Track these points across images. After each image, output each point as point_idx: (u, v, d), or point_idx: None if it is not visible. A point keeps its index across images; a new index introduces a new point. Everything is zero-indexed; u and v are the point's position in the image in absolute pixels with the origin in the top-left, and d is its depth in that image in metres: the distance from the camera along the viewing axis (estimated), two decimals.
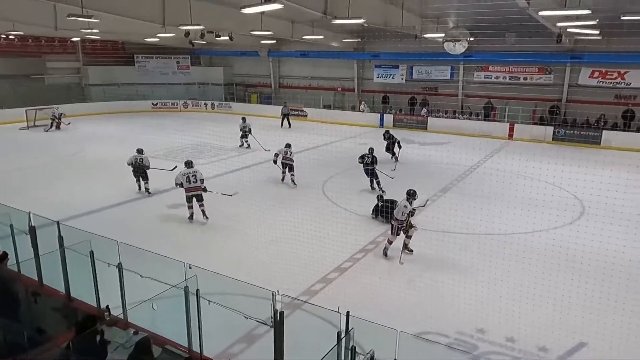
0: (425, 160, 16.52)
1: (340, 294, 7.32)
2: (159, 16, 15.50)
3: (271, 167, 14.80)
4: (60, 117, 23.24)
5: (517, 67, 23.04)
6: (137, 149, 13.29)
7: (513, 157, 16.82)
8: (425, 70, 25.68)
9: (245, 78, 33.30)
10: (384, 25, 16.38)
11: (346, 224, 10.24)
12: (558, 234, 9.79)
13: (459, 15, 17.40)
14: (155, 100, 30.86)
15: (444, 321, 6.67)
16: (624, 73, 20.59)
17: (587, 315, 6.68)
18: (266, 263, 8.52)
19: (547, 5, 11.64)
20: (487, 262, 8.48)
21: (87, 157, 17.35)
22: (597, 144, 20.36)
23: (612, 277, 7.60)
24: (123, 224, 10.23)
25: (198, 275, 4.77)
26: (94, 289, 5.55)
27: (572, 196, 12.63)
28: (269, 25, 17.83)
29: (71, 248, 5.61)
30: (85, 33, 20.60)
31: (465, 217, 10.28)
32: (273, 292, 4.05)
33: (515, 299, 7.18)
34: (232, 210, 11.12)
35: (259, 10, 11.46)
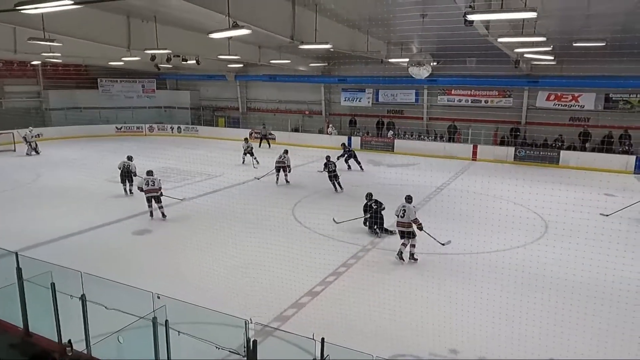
0: (393, 182, 16.71)
1: (313, 318, 7.23)
2: (124, 40, 15.32)
3: (239, 192, 14.70)
4: (35, 137, 22.78)
5: (479, 91, 23.88)
6: (127, 156, 15.34)
7: (477, 178, 17.34)
8: (391, 93, 26.26)
9: (213, 102, 33.15)
10: (350, 50, 16.72)
11: (317, 246, 10.18)
12: (522, 252, 10.06)
13: (422, 41, 17.96)
14: (119, 124, 30.24)
15: (417, 343, 6.67)
16: (578, 96, 21.67)
17: (553, 333, 6.81)
18: (236, 289, 8.34)
19: (505, 32, 12.17)
20: (455, 282, 8.60)
21: (45, 184, 16.72)
22: (556, 163, 21.19)
23: (574, 295, 7.83)
24: (85, 253, 9.84)
25: (167, 304, 4.62)
26: (54, 323, 5.28)
27: (535, 215, 13.01)
28: (236, 50, 17.90)
29: (31, 280, 5.34)
30: (47, 56, 20.13)
31: (433, 238, 10.41)
32: (245, 321, 3.96)
33: (485, 318, 7.27)
34: (200, 235, 10.90)
35: (227, 35, 11.48)
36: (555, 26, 13.30)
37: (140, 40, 15.39)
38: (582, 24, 13.55)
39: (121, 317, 4.58)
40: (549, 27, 12.50)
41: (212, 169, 18.20)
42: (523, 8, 7.46)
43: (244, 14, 10.46)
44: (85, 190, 15.50)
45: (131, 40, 15.42)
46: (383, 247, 10.62)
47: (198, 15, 12.09)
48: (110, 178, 17.05)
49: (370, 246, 10.66)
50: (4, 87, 27.67)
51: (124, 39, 15.33)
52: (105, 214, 12.61)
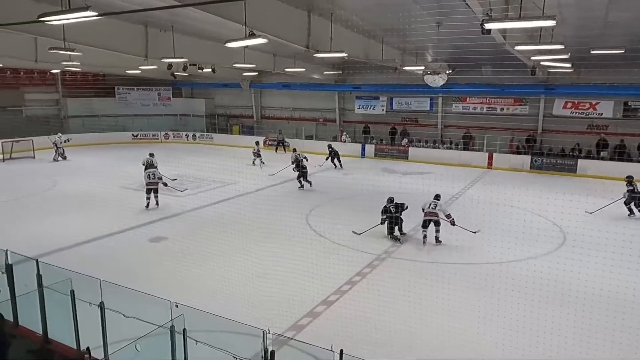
0: (408, 190, 16.63)
1: (328, 328, 7.19)
2: (142, 49, 15.58)
3: (253, 199, 14.76)
4: (63, 143, 23.35)
5: (494, 99, 23.71)
6: (149, 153, 17.52)
7: (493, 187, 17.15)
8: (405, 101, 26.21)
9: (227, 109, 33.44)
10: (365, 58, 16.76)
11: (332, 255, 10.17)
12: (541, 263, 9.88)
13: (437, 48, 17.93)
14: (135, 132, 30.65)
15: (434, 355, 6.58)
16: (596, 104, 21.38)
17: (572, 346, 6.66)
18: (251, 297, 8.34)
19: (522, 40, 12.10)
20: (473, 292, 8.49)
21: (61, 191, 16.96)
22: (574, 172, 20.88)
23: (594, 307, 7.67)
24: (102, 260, 9.93)
25: (184, 313, 4.63)
26: (73, 330, 5.32)
27: (553, 224, 12.81)
28: (252, 58, 18.06)
29: (51, 288, 5.40)
30: (66, 65, 20.54)
31: (448, 247, 10.33)
32: (263, 331, 3.95)
33: (504, 330, 7.14)
34: (214, 243, 10.94)
35: (243, 44, 11.59)
36: (573, 34, 13.17)
37: (158, 49, 15.64)
38: (600, 32, 13.39)
39: (139, 325, 4.60)
40: (566, 35, 12.39)
41: (226, 176, 18.30)
42: (541, 16, 7.40)
43: (260, 23, 10.57)
44: (101, 197, 15.70)
45: (149, 50, 15.68)
46: (398, 257, 10.54)
47: (215, 25, 12.24)
48: (126, 185, 17.28)
49: (385, 255, 10.59)
50: (25, 95, 28.23)
51: (142, 48, 15.59)
52: (121, 221, 12.73)
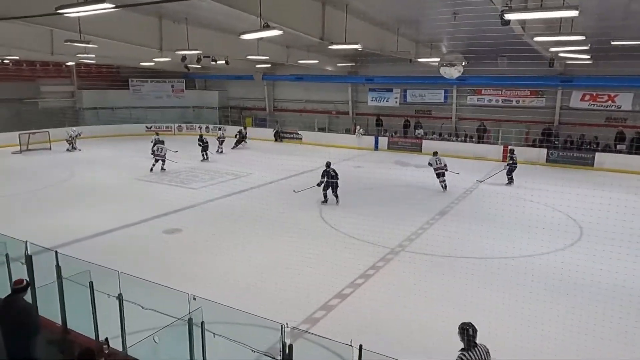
0: (421, 183, 16.54)
1: (342, 321, 7.19)
2: (156, 41, 15.61)
3: (266, 192, 14.79)
4: (76, 137, 23.90)
5: (510, 91, 23.36)
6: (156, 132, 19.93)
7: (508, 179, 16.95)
8: (418, 93, 25.97)
9: (240, 101, 33.46)
10: (379, 50, 16.59)
11: (345, 248, 10.14)
12: (557, 258, 9.75)
13: (452, 40, 17.68)
14: (149, 124, 30.84)
15: (448, 349, 6.51)
16: (614, 96, 20.94)
17: (585, 342, 6.56)
18: (265, 290, 8.37)
19: (541, 31, 11.86)
20: (487, 287, 8.41)
21: (79, 182, 17.16)
22: (591, 165, 20.55)
23: (613, 302, 7.55)
24: (118, 251, 10.03)
25: (202, 306, 4.65)
26: (92, 321, 5.38)
27: (570, 219, 12.64)
28: (265, 50, 18.00)
29: (70, 279, 5.46)
30: (81, 58, 20.67)
31: (462, 241, 10.26)
32: (282, 325, 3.94)
33: (518, 325, 7.07)
34: (228, 235, 10.99)
35: (258, 36, 11.52)
36: (593, 24, 12.87)
37: (172, 41, 15.65)
38: (621, 22, 13.07)
39: (157, 317, 4.63)
40: (586, 25, 12.11)
41: (239, 168, 18.36)
42: (563, 6, 7.22)
43: (275, 15, 10.49)
44: (116, 189, 15.87)
45: (163, 42, 15.71)
46: (412, 250, 10.49)
47: (229, 17, 12.21)
48: (141, 177, 17.42)
49: (400, 249, 10.54)
50: (40, 87, 28.53)
51: (156, 40, 15.62)
52: (135, 213, 12.84)
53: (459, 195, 15.46)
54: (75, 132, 24.19)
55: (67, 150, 23.44)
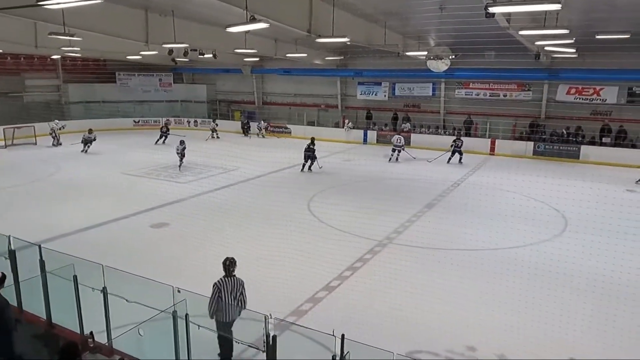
0: (409, 176, 16.63)
1: (329, 313, 7.24)
2: (142, 34, 15.44)
3: (254, 185, 14.79)
4: (59, 130, 23.57)
5: (497, 84, 23.51)
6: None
7: (495, 173, 17.12)
8: (407, 87, 26.02)
9: (229, 95, 33.29)
10: (367, 43, 16.59)
11: (333, 241, 10.19)
12: (542, 249, 9.91)
13: (439, 33, 17.75)
14: (137, 118, 30.57)
15: (433, 339, 6.63)
16: (600, 89, 21.19)
17: (573, 331, 6.71)
18: (252, 283, 8.31)
19: (526, 25, 11.94)
20: (474, 278, 8.53)
21: (65, 177, 16.97)
22: (576, 158, 20.81)
23: (595, 292, 7.71)
24: (104, 246, 9.98)
25: (187, 298, 4.66)
26: (76, 315, 5.37)
27: (555, 210, 12.81)
28: (253, 44, 17.89)
29: (54, 273, 5.43)
30: (66, 51, 20.40)
31: (450, 233, 10.35)
32: (265, 316, 3.97)
33: (503, 315, 7.20)
34: (215, 229, 10.97)
35: (244, 29, 11.47)
36: (578, 18, 12.99)
37: (158, 34, 15.50)
38: (605, 16, 13.21)
39: (142, 310, 4.63)
40: (571, 19, 12.22)
41: (228, 162, 18.29)
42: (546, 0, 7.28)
43: (262, 8, 10.45)
44: (103, 183, 15.75)
45: (149, 35, 15.54)
46: (400, 242, 10.57)
47: (216, 10, 12.10)
48: (127, 171, 17.30)
49: (387, 241, 10.61)
50: (25, 81, 28.12)
51: (142, 33, 15.45)
52: (123, 207, 12.76)
53: (446, 188, 15.57)
54: (58, 124, 23.75)
55: (52, 145, 23.11)
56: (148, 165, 18.26)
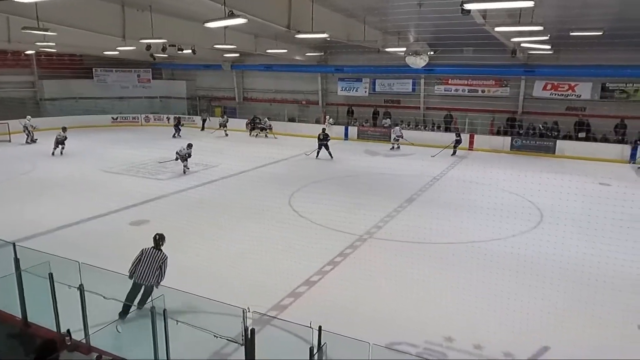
0: (391, 171, 16.77)
1: (310, 307, 7.28)
2: (119, 30, 15.20)
3: (236, 181, 14.74)
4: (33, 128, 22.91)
5: (475, 80, 23.84)
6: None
7: (474, 167, 17.41)
8: (387, 83, 26.20)
9: (209, 91, 33.00)
10: (347, 39, 16.64)
11: (314, 236, 10.23)
12: (518, 241, 10.13)
13: (418, 30, 17.89)
14: (115, 115, 30.10)
15: (413, 331, 6.73)
16: (575, 85, 21.68)
17: (548, 320, 6.90)
18: (233, 278, 8.39)
19: (502, 22, 12.14)
20: (451, 271, 8.67)
21: (41, 175, 16.63)
22: (552, 153, 21.26)
23: (569, 282, 7.93)
24: (83, 243, 9.83)
25: (165, 294, 4.65)
26: (53, 313, 5.30)
27: (531, 203, 13.08)
28: (233, 39, 17.79)
29: (29, 271, 5.35)
30: (41, 46, 19.97)
31: (429, 227, 10.48)
32: (243, 309, 3.99)
33: (480, 306, 7.34)
34: (196, 226, 10.92)
35: (223, 24, 11.41)
36: (553, 15, 13.25)
37: (136, 29, 15.29)
38: (579, 13, 13.50)
39: (119, 306, 4.62)
40: (546, 16, 12.46)
41: (209, 158, 18.18)
42: None
43: (240, 3, 10.40)
44: (81, 181, 15.49)
45: (126, 30, 15.31)
46: (380, 237, 10.67)
47: (194, 4, 12.03)
48: (106, 169, 17.05)
49: (367, 236, 10.70)
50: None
51: (119, 28, 15.22)
52: (101, 205, 12.58)
53: (426, 183, 15.75)
54: (31, 120, 23.15)
55: (26, 142, 22.58)
56: (128, 162, 18.04)
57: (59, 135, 19.69)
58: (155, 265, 6.65)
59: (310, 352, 3.82)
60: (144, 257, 6.68)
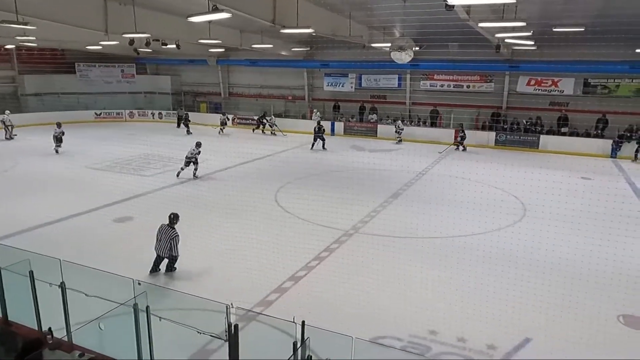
0: (376, 167, 16.82)
1: (295, 303, 7.29)
2: (101, 24, 14.94)
3: (221, 178, 14.68)
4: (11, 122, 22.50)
5: (461, 76, 24.00)
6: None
7: (459, 162, 17.56)
8: (373, 78, 26.23)
9: (194, 87, 32.70)
10: (332, 34, 16.61)
11: (300, 231, 10.25)
12: (502, 235, 10.26)
13: (403, 25, 17.93)
14: (98, 110, 29.68)
15: (398, 325, 6.79)
16: (558, 81, 21.95)
17: (530, 312, 7.02)
18: (219, 275, 8.38)
19: (486, 17, 12.22)
20: (435, 265, 8.77)
21: (23, 171, 16.35)
22: (536, 147, 21.54)
23: (551, 275, 8.07)
24: (65, 241, 9.73)
25: (147, 291, 4.61)
26: (34, 311, 5.23)
27: (514, 198, 13.24)
28: (217, 34, 17.64)
29: (8, 269, 5.26)
30: (21, 40, 19.57)
31: (414, 222, 10.56)
32: (227, 305, 3.98)
33: (463, 299, 7.44)
34: (181, 222, 10.81)
35: (206, 19, 11.31)
36: (536, 11, 13.38)
37: (118, 24, 15.04)
38: (561, 9, 13.66)
39: (102, 304, 4.56)
40: (529, 12, 12.58)
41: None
42: None
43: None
44: (64, 178, 15.27)
45: (109, 24, 15.05)
46: (366, 232, 10.72)
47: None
48: (90, 165, 16.83)
49: (353, 231, 10.74)
50: None
51: (101, 22, 14.95)
52: (85, 202, 12.43)
53: (411, 178, 15.84)
54: (9, 115, 22.73)
55: (5, 138, 22.13)
56: (112, 158, 17.82)
57: (55, 132, 19.20)
58: (167, 239, 8.00)
59: (293, 347, 3.83)
60: (160, 232, 8.13)
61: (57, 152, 18.92)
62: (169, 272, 8.23)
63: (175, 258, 8.21)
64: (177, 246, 8.10)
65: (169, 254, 8.07)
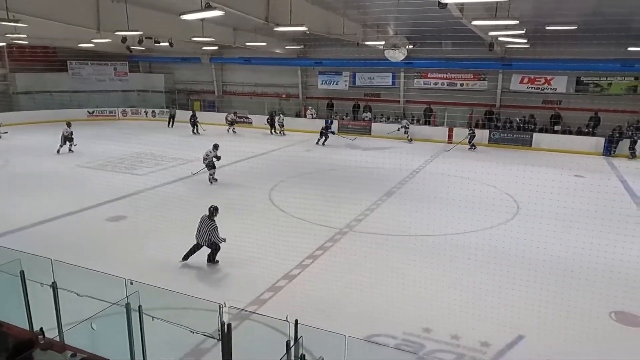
0: (369, 165, 16.83)
1: (289, 302, 7.28)
2: (93, 21, 14.82)
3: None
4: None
5: (454, 74, 24.05)
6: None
7: (452, 160, 17.61)
8: (367, 76, 26.23)
9: (188, 85, 32.56)
10: (326, 32, 16.58)
11: (294, 230, 10.21)
12: (494, 232, 10.30)
13: (397, 23, 17.93)
14: (91, 109, 29.48)
15: (392, 323, 6.80)
16: (550, 79, 22.06)
17: (523, 310, 7.04)
18: (212, 273, 8.35)
19: (479, 15, 12.24)
20: (429, 263, 8.79)
21: (14, 170, 16.20)
22: (529, 145, 21.64)
23: (544, 273, 8.11)
24: (57, 240, 9.65)
25: (140, 290, 4.59)
26: (25, 311, 5.19)
27: (507, 195, 13.30)
28: (211, 32, 17.56)
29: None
30: (12, 38, 19.38)
31: (408, 220, 10.58)
32: (219, 304, 3.97)
33: (457, 297, 7.46)
34: (174, 221, 10.79)
35: (199, 16, 11.23)
36: (529, 9, 13.43)
37: (111, 21, 14.92)
38: (554, 8, 13.71)
39: (94, 303, 4.53)
40: (522, 10, 12.62)
41: (187, 153, 17.97)
42: None
43: None
44: (56, 177, 15.16)
45: (101, 22, 14.93)
46: (360, 230, 10.72)
47: None
48: (82, 164, 16.72)
49: (347, 229, 10.74)
50: None
51: (93, 20, 14.83)
52: (77, 201, 12.35)
53: (405, 177, 15.86)
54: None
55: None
56: (104, 157, 17.72)
57: (65, 131, 18.63)
58: (206, 229, 8.48)
59: (286, 346, 3.82)
60: (201, 223, 8.60)
61: (72, 151, 18.62)
62: (210, 262, 8.63)
63: (217, 246, 8.59)
64: (218, 236, 8.53)
65: (209, 242, 8.52)
